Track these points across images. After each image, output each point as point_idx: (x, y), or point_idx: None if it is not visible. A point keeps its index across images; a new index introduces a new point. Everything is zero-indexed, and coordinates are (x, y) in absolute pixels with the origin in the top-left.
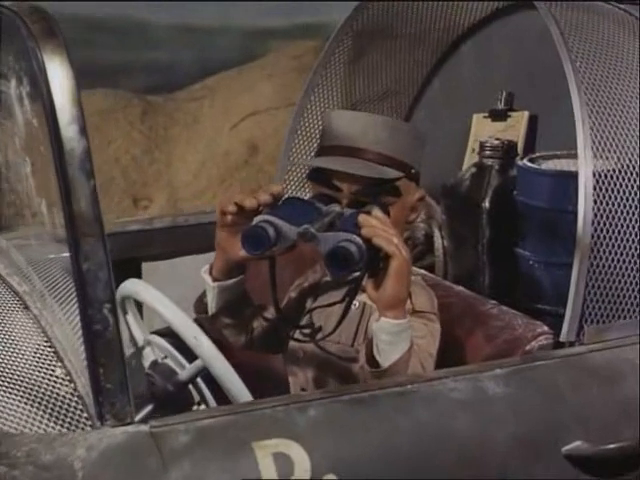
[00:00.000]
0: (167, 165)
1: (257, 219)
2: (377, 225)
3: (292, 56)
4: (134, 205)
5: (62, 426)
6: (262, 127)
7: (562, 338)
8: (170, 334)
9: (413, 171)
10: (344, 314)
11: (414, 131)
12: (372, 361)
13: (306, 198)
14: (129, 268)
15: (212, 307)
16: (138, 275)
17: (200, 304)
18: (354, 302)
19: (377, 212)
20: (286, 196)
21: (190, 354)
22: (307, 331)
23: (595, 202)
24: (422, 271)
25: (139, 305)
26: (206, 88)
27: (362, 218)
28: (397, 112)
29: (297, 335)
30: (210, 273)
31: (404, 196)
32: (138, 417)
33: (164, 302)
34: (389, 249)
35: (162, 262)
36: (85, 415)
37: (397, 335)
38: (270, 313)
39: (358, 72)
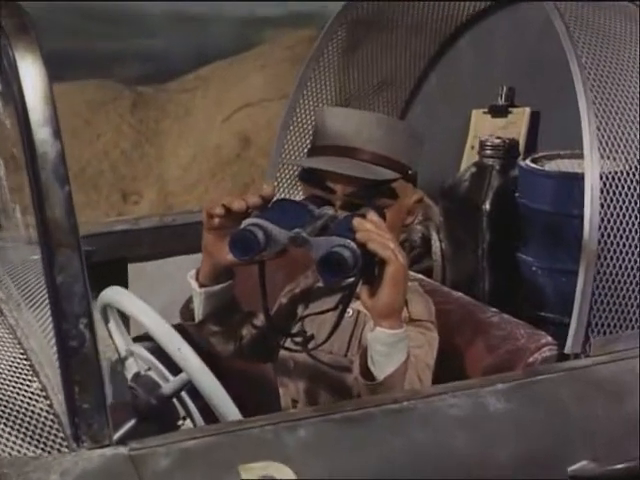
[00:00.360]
0: (157, 159)
1: (246, 222)
2: (372, 229)
3: (286, 46)
4: (123, 200)
5: (37, 446)
6: (254, 119)
7: (567, 350)
8: None
9: (410, 172)
10: (337, 323)
11: (411, 130)
12: (367, 373)
13: (298, 200)
14: (115, 270)
15: (199, 314)
16: (124, 277)
17: (186, 310)
18: (348, 310)
19: (372, 215)
20: (277, 197)
21: (175, 366)
22: (298, 340)
23: (602, 206)
24: (419, 276)
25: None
26: (199, 79)
27: (357, 222)
28: (393, 107)
29: (288, 344)
30: (197, 278)
31: (401, 198)
32: (118, 434)
33: (146, 311)
34: (385, 254)
35: (149, 263)
36: (61, 435)
37: (393, 346)
38: (260, 320)
39: (353, 65)
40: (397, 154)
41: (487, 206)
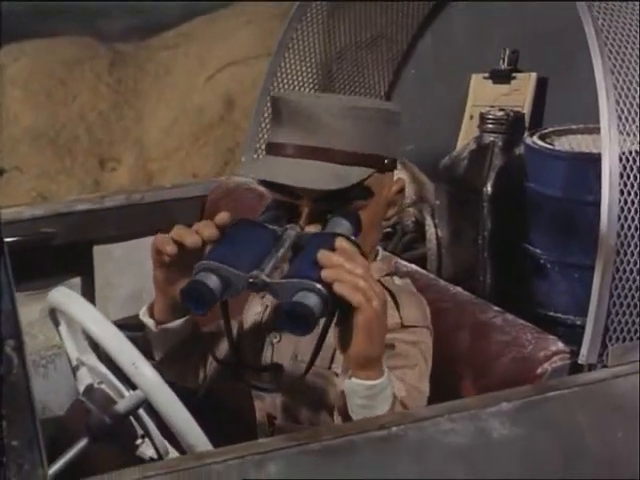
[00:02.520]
0: (136, 122)
1: (197, 267)
2: (341, 264)
3: (273, 1)
4: (100, 167)
5: None
6: (239, 79)
7: (581, 360)
8: (131, 327)
9: (386, 161)
10: (316, 351)
11: (383, 112)
12: (348, 419)
13: (258, 219)
14: (79, 253)
15: (157, 353)
16: (89, 260)
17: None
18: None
19: (342, 242)
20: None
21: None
22: (270, 376)
23: (622, 192)
24: (412, 266)
25: None
26: (180, 35)
27: (322, 257)
28: (383, 70)
29: (259, 384)
30: (151, 314)
31: (377, 194)
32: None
33: (96, 319)
34: (354, 299)
35: (116, 245)
36: None
37: (373, 398)
38: (225, 356)
39: (340, 22)
40: (368, 146)
41: (488, 189)
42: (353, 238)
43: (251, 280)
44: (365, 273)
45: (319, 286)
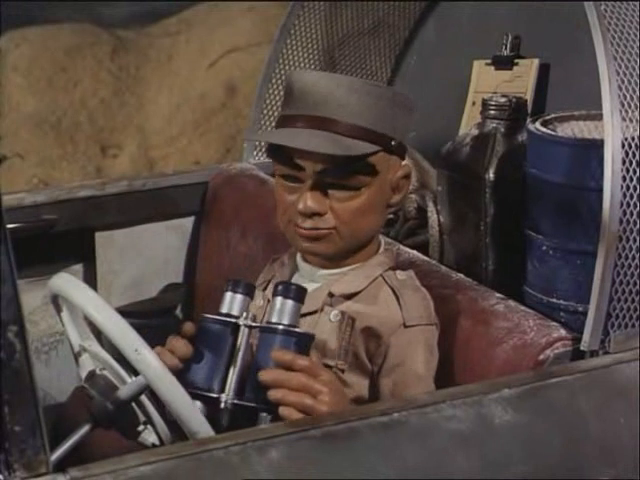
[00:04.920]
0: (138, 109)
1: None
2: (281, 383)
3: None
4: (102, 153)
5: None
6: (241, 66)
7: (583, 346)
8: (133, 314)
9: (394, 143)
10: None
11: (396, 96)
12: None
13: (219, 315)
14: (81, 240)
15: None
16: (91, 247)
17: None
18: (335, 312)
19: (277, 354)
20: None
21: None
22: None
23: (624, 178)
24: (414, 253)
25: None
26: (182, 22)
27: (264, 377)
28: (386, 57)
29: None
30: None
31: (382, 174)
32: (57, 454)
33: (98, 305)
34: (302, 418)
35: (117, 231)
36: None
37: None
38: None
39: (342, 9)
40: (377, 124)
41: (491, 175)
42: (296, 331)
43: (222, 406)
44: (307, 381)
45: (273, 409)
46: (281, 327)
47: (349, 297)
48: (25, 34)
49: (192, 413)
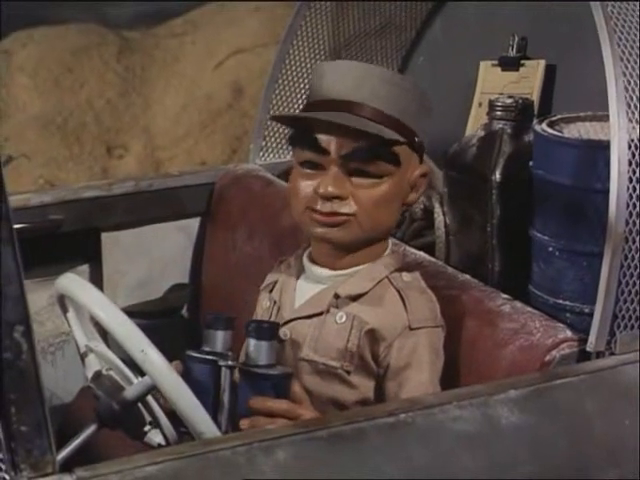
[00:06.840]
0: (144, 110)
1: None
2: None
3: None
4: (108, 154)
5: None
6: (248, 67)
7: (589, 347)
8: (139, 314)
9: (417, 139)
10: None
11: (420, 92)
12: None
13: (203, 353)
14: (87, 240)
15: None
16: (97, 247)
17: None
18: (340, 313)
19: (255, 403)
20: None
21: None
22: None
23: (631, 180)
24: (420, 254)
25: None
26: (188, 23)
27: (245, 425)
28: (393, 58)
29: None
30: None
31: (403, 167)
32: (62, 454)
33: (104, 305)
34: None
35: (124, 232)
36: None
37: None
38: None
39: (349, 9)
40: (404, 116)
41: (497, 176)
42: (273, 374)
43: None
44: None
45: None
46: (259, 371)
47: (355, 299)
48: (31, 35)
49: (198, 413)
